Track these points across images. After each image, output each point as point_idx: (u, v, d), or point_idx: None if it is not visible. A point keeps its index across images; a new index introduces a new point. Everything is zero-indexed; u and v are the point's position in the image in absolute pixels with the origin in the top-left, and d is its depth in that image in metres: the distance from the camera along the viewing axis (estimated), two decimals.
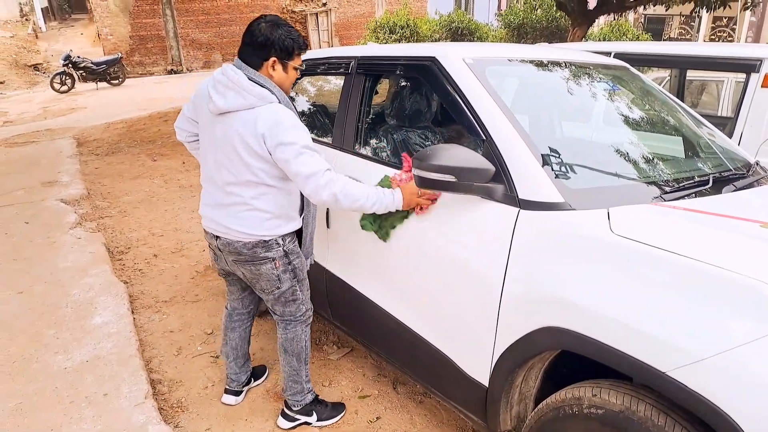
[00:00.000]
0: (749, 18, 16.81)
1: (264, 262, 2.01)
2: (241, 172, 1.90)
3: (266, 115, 1.82)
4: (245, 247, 1.99)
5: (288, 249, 2.05)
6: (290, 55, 1.93)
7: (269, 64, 1.91)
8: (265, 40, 1.87)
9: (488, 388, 1.73)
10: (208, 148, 2.01)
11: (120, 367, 2.57)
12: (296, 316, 2.18)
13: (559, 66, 2.30)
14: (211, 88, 1.90)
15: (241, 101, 1.84)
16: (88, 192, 5.69)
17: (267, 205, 1.95)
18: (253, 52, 1.90)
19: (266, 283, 2.06)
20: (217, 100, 1.87)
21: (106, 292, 3.34)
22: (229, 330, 2.37)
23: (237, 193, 1.94)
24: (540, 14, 13.03)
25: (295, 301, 2.14)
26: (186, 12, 18.31)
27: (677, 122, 2.32)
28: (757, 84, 3.11)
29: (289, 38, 1.90)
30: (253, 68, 1.90)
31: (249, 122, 1.83)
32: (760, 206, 1.67)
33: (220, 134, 1.91)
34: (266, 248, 2.00)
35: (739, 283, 1.18)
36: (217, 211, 2.01)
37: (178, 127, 2.22)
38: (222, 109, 1.86)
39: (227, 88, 1.86)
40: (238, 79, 1.84)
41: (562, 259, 1.50)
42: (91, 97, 13.48)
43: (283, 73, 1.95)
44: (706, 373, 1.18)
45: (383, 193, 1.91)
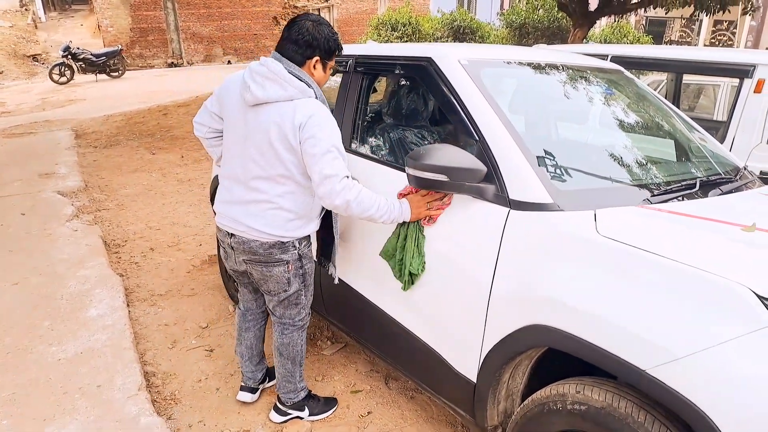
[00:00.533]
0: (749, 22, 16.84)
1: (277, 264, 2.01)
2: (272, 165, 1.88)
3: (305, 107, 1.83)
4: (261, 248, 1.97)
5: (302, 253, 2.05)
6: (331, 56, 1.97)
7: (312, 62, 1.92)
8: (312, 39, 1.89)
9: (476, 384, 1.76)
10: (234, 142, 1.98)
11: (114, 359, 2.60)
12: (295, 321, 2.18)
13: (553, 69, 2.33)
14: (249, 78, 1.88)
15: (282, 92, 1.84)
16: (86, 184, 5.71)
17: (292, 205, 1.94)
18: (297, 49, 1.90)
19: (275, 285, 2.06)
20: (255, 90, 1.85)
21: (102, 285, 3.36)
22: (243, 330, 2.36)
23: (262, 189, 1.92)
24: (542, 14, 13.03)
25: (297, 305, 2.15)
26: (187, 5, 18.28)
27: (669, 126, 2.35)
28: (749, 89, 3.15)
29: (333, 39, 1.94)
30: (296, 64, 1.91)
31: (287, 113, 1.82)
32: (744, 210, 1.70)
33: (253, 125, 1.89)
34: (282, 250, 1.99)
35: (718, 285, 1.22)
36: (237, 208, 1.97)
37: (197, 122, 2.18)
38: (260, 99, 1.85)
39: (267, 78, 1.85)
40: (279, 70, 1.84)
41: (550, 259, 1.53)
42: (90, 89, 13.47)
43: (322, 73, 1.97)
44: (684, 371, 1.21)
45: (392, 205, 1.89)
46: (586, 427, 1.44)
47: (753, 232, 1.44)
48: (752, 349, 1.15)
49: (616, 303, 1.35)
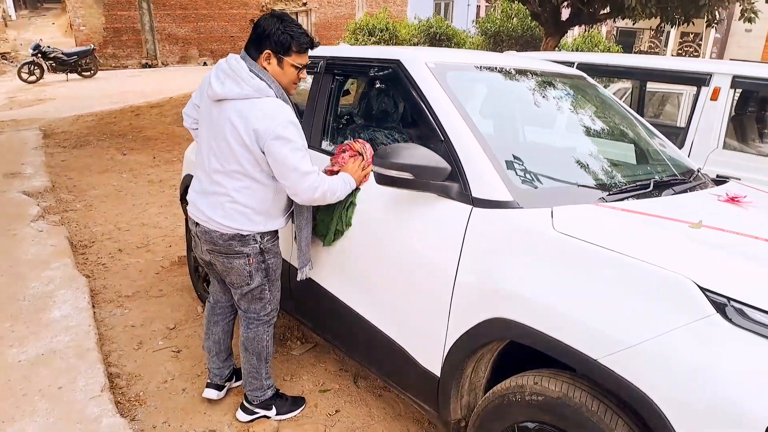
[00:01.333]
0: (714, 35, 17.44)
1: (238, 257, 2.02)
2: (228, 160, 1.93)
3: (261, 108, 1.86)
4: (221, 239, 2.00)
5: (265, 247, 2.06)
6: (286, 51, 1.93)
7: (264, 56, 1.93)
8: (262, 32, 1.92)
9: (440, 378, 1.79)
10: (203, 135, 2.04)
11: (77, 361, 2.55)
12: (260, 315, 2.18)
13: (519, 73, 2.39)
14: (213, 75, 1.95)
15: (237, 90, 1.87)
16: (53, 185, 5.58)
17: (248, 200, 1.97)
18: (251, 43, 1.95)
19: (236, 277, 2.07)
20: (215, 86, 1.91)
21: (67, 286, 3.30)
22: (211, 324, 2.35)
23: (222, 183, 1.96)
24: (516, 23, 13.28)
25: (261, 300, 2.15)
26: (163, 5, 18.04)
27: (628, 130, 2.44)
28: (706, 97, 3.28)
29: (286, 33, 1.91)
30: (253, 60, 1.94)
31: (242, 112, 1.86)
32: (693, 209, 1.78)
33: (215, 121, 1.95)
34: (242, 243, 2.01)
35: (664, 277, 1.27)
36: (201, 198, 2.03)
37: (185, 113, 2.25)
38: (219, 95, 1.90)
39: (227, 75, 1.90)
40: (238, 67, 1.89)
41: (510, 254, 1.57)
42: (60, 89, 13.17)
43: (277, 68, 1.95)
44: (632, 360, 1.26)
45: (344, 182, 2.02)
46: (543, 418, 1.49)
47: (699, 228, 1.51)
48: (695, 338, 1.21)
49: (571, 295, 1.40)
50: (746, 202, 1.84)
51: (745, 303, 1.18)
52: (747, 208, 1.81)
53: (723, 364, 1.16)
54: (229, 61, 1.93)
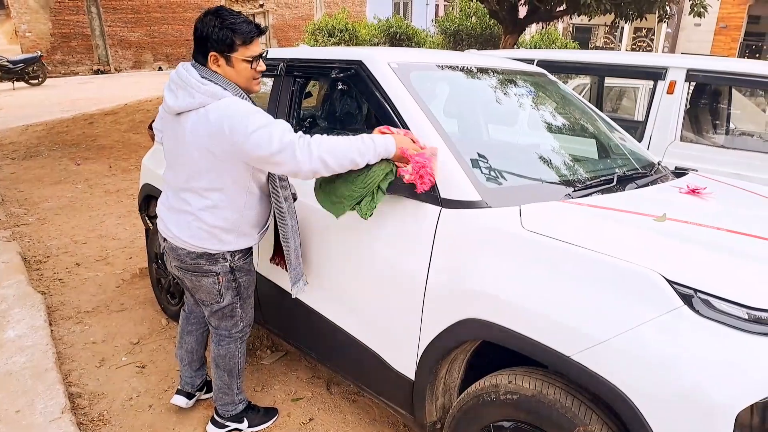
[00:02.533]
0: (665, 29, 18.06)
1: (206, 275, 1.94)
2: (193, 177, 1.81)
3: (219, 112, 1.70)
4: (189, 256, 1.91)
5: (236, 266, 1.97)
6: (230, 48, 1.76)
7: (211, 59, 1.78)
8: (201, 35, 1.76)
9: (414, 381, 1.78)
10: (167, 150, 1.93)
11: (34, 382, 2.43)
12: (231, 333, 2.10)
13: (482, 72, 2.40)
14: (166, 87, 1.82)
15: (190, 100, 1.74)
16: (2, 198, 5.32)
17: (215, 220, 1.85)
18: (196, 48, 1.81)
19: (206, 295, 1.99)
20: (169, 100, 1.79)
21: (21, 304, 3.13)
22: (185, 333, 2.28)
23: (188, 200, 1.86)
24: (474, 22, 13.40)
25: (232, 318, 2.07)
26: (113, 9, 17.48)
27: (590, 126, 2.48)
28: (663, 90, 3.37)
29: (225, 29, 1.73)
30: (202, 65, 1.80)
31: (200, 122, 1.73)
32: (656, 202, 1.81)
33: (176, 136, 1.82)
34: (211, 261, 1.92)
35: (632, 272, 1.29)
36: (169, 215, 1.93)
37: (155, 128, 2.11)
38: (174, 108, 1.78)
39: (178, 87, 1.77)
40: (187, 76, 1.75)
41: (480, 254, 1.57)
42: (7, 98, 12.59)
43: (228, 68, 1.79)
44: (603, 355, 1.27)
45: (372, 139, 1.67)
46: (518, 416, 1.49)
47: (664, 221, 1.54)
48: (663, 330, 1.22)
49: (542, 293, 1.41)
50: (706, 194, 1.89)
51: (712, 294, 1.20)
52: (707, 199, 1.86)
53: (692, 354, 1.18)
54: (179, 71, 1.79)
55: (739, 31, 15.49)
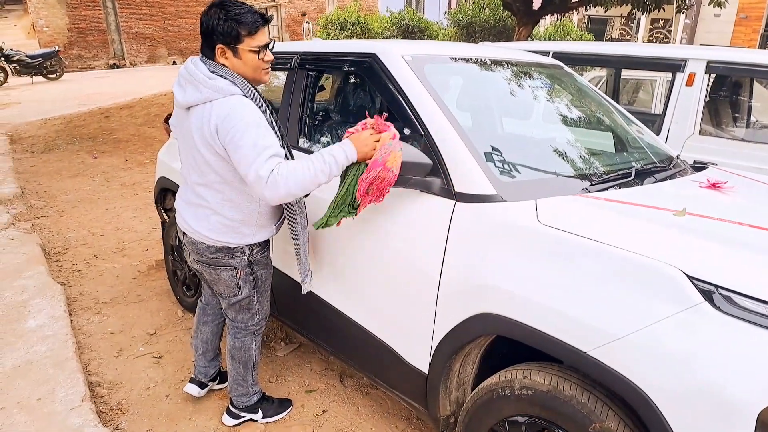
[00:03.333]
0: (683, 20, 17.73)
1: (225, 269, 1.95)
2: (205, 172, 1.82)
3: (220, 109, 1.71)
4: (208, 250, 1.93)
5: (254, 259, 1.98)
6: (236, 39, 1.74)
7: (218, 53, 1.77)
8: (207, 28, 1.75)
9: (428, 375, 1.78)
10: (180, 146, 1.94)
11: (55, 371, 2.47)
12: (247, 325, 2.12)
13: (496, 64, 2.37)
14: (175, 83, 1.84)
15: (198, 95, 1.74)
16: (23, 191, 5.41)
17: (234, 213, 1.86)
18: (204, 42, 1.80)
19: (224, 288, 2.01)
20: (177, 94, 1.81)
21: (41, 294, 3.19)
22: (200, 323, 2.31)
23: (204, 195, 1.86)
24: (488, 13, 13.27)
25: (249, 310, 2.09)
26: (128, 4, 17.62)
27: (607, 118, 2.44)
28: (682, 83, 3.31)
29: (230, 20, 1.71)
30: (211, 59, 1.79)
31: (205, 117, 1.73)
32: (675, 196, 1.79)
33: (186, 131, 1.83)
34: (230, 255, 1.93)
35: (651, 267, 1.27)
36: (187, 209, 1.94)
37: (171, 125, 2.09)
38: (182, 103, 1.80)
39: (186, 81, 1.78)
40: (195, 71, 1.75)
41: (495, 248, 1.56)
42: (25, 92, 12.77)
43: (235, 60, 1.78)
44: (621, 351, 1.26)
45: (332, 157, 1.68)
46: (533, 411, 1.48)
47: (683, 216, 1.51)
48: (683, 327, 1.20)
49: (557, 288, 1.39)
50: (727, 188, 1.85)
51: (733, 290, 1.18)
52: (728, 193, 1.83)
53: (712, 351, 1.16)
54: (187, 65, 1.79)
55: (760, 22, 15.15)
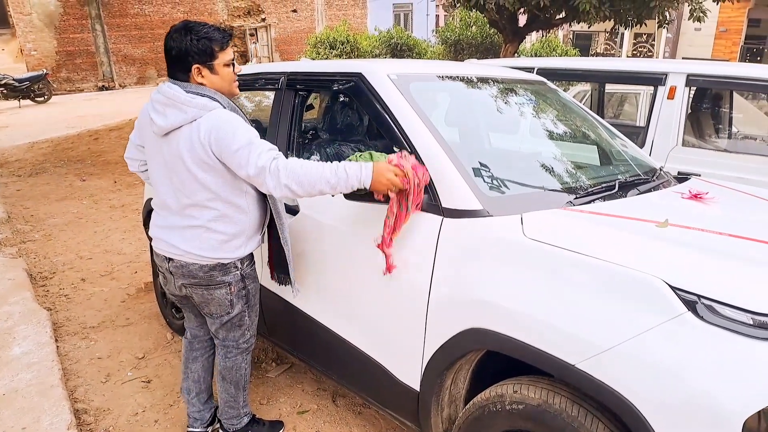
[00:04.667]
0: (665, 35, 18.09)
1: (219, 287, 1.93)
2: (195, 192, 1.81)
3: (206, 123, 1.74)
4: (201, 270, 1.90)
5: (245, 273, 1.98)
6: (211, 56, 1.80)
7: (193, 73, 1.81)
8: (179, 52, 1.78)
9: (420, 392, 1.77)
10: (159, 174, 1.90)
11: (40, 399, 2.43)
12: (239, 344, 2.10)
13: (482, 82, 2.41)
14: (151, 110, 1.82)
15: (182, 116, 1.75)
16: (8, 215, 5.36)
17: (226, 227, 1.87)
18: (174, 67, 1.82)
19: (216, 307, 1.98)
20: (158, 120, 1.78)
21: (27, 321, 3.15)
22: (189, 361, 2.22)
23: (195, 215, 1.85)
24: (475, 31, 13.47)
25: (240, 327, 2.07)
26: (117, 27, 17.69)
27: (591, 132, 2.48)
28: (663, 96, 3.37)
29: (202, 39, 1.77)
30: (184, 82, 1.82)
31: (193, 135, 1.74)
32: (659, 207, 1.81)
33: (169, 155, 1.81)
34: (224, 272, 1.92)
35: (635, 278, 1.28)
36: (172, 234, 1.90)
37: (128, 158, 2.10)
38: (164, 128, 1.78)
39: (166, 106, 1.77)
40: (174, 93, 1.76)
41: (482, 263, 1.56)
42: (13, 116, 12.72)
43: (213, 76, 1.83)
44: (608, 363, 1.27)
45: (345, 171, 1.67)
46: (525, 426, 1.48)
47: (666, 227, 1.53)
48: (668, 337, 1.21)
49: (545, 302, 1.40)
50: (709, 199, 1.88)
51: (716, 299, 1.20)
52: (710, 204, 1.85)
53: (697, 361, 1.17)
54: (162, 90, 1.79)
55: (739, 35, 15.50)
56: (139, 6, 17.93)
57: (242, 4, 19.72)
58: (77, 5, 17.00)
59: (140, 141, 2.02)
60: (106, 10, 17.45)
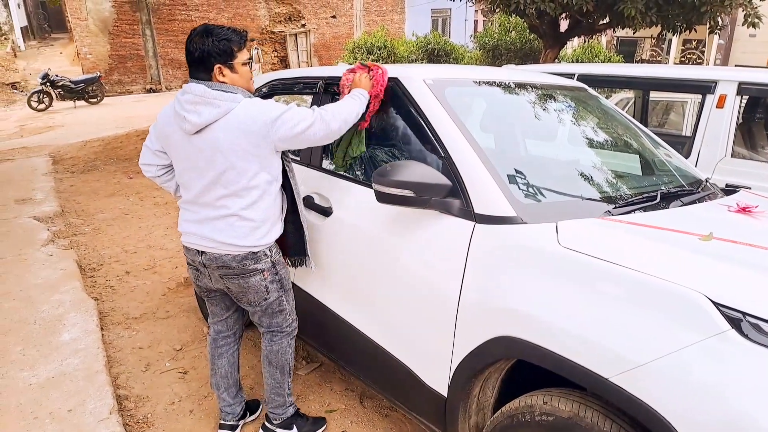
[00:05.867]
0: (717, 41, 17.42)
1: (253, 274, 2.00)
2: (232, 182, 1.90)
3: (245, 111, 1.87)
4: (234, 260, 1.97)
5: (275, 260, 2.06)
6: (231, 56, 1.92)
7: (215, 73, 1.91)
8: (201, 54, 1.88)
9: (447, 398, 1.76)
10: (188, 171, 1.97)
11: (86, 383, 2.55)
12: (282, 327, 2.17)
13: (519, 87, 2.39)
14: (180, 110, 1.89)
15: (216, 111, 1.85)
16: (62, 209, 5.63)
17: (257, 214, 1.96)
18: (197, 68, 1.92)
19: (254, 295, 2.05)
20: (192, 118, 1.85)
21: (76, 309, 3.30)
22: (216, 357, 2.28)
23: (228, 205, 1.94)
24: (514, 36, 13.30)
25: (282, 312, 2.14)
26: (165, 32, 18.33)
27: (633, 141, 2.42)
28: (712, 105, 3.25)
29: (222, 41, 1.89)
30: (208, 80, 1.92)
31: (231, 125, 1.85)
32: (703, 220, 1.75)
33: (204, 150, 1.89)
34: (255, 260, 1.99)
35: (675, 293, 1.24)
36: (204, 226, 1.98)
37: (143, 164, 2.17)
38: (199, 125, 1.85)
39: (197, 104, 1.85)
40: (204, 90, 1.86)
41: (514, 271, 1.55)
42: (68, 116, 13.36)
43: (233, 75, 1.94)
44: (644, 378, 1.23)
45: (359, 99, 2.11)
46: None
47: (710, 241, 1.48)
48: (709, 355, 1.17)
49: (579, 313, 1.38)
50: (758, 212, 1.80)
51: (762, 318, 1.15)
52: (759, 218, 1.78)
53: (739, 381, 1.12)
54: (191, 89, 1.88)
55: None
56: (186, 12, 18.53)
57: (283, 10, 20.09)
58: (129, 11, 17.72)
59: (158, 146, 2.09)
60: (156, 16, 18.11)
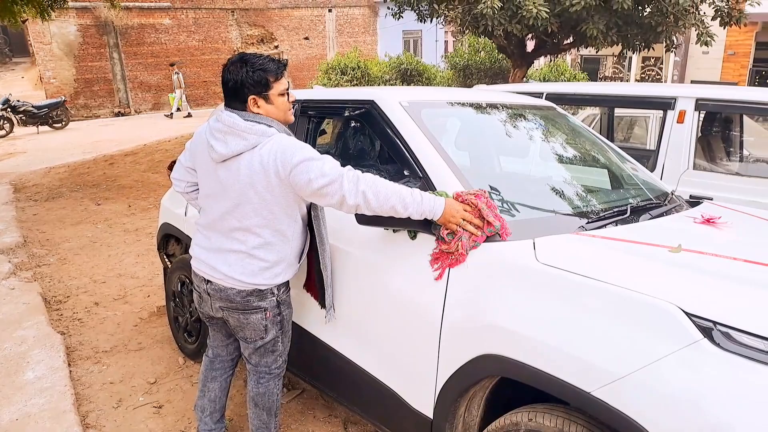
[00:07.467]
0: (673, 58, 18.18)
1: (255, 312, 1.95)
2: (248, 216, 1.85)
3: (270, 148, 1.78)
4: (238, 295, 1.92)
5: (281, 299, 2.01)
6: (266, 87, 1.86)
7: (250, 103, 1.86)
8: (235, 84, 1.84)
9: (433, 420, 1.75)
10: (210, 195, 1.95)
11: (53, 424, 2.43)
12: (271, 369, 2.10)
13: (491, 107, 2.44)
14: (209, 136, 1.86)
15: (244, 143, 1.80)
16: (25, 240, 5.44)
17: (269, 255, 1.90)
18: (231, 98, 1.87)
19: (251, 332, 2.00)
20: (219, 148, 1.82)
21: (41, 345, 3.17)
22: (209, 380, 2.23)
23: (241, 239, 1.89)
24: (483, 56, 13.66)
25: (273, 353, 2.08)
26: (134, 55, 18.14)
27: (601, 156, 2.49)
28: (673, 120, 3.38)
29: (257, 71, 1.83)
30: (242, 111, 1.87)
31: (254, 160, 1.79)
32: (671, 232, 1.81)
33: (226, 180, 1.85)
34: (260, 298, 1.94)
35: (649, 305, 1.28)
36: (215, 256, 1.94)
37: (175, 178, 2.14)
38: (225, 155, 1.82)
39: (226, 134, 1.82)
40: (234, 122, 1.81)
41: (494, 288, 1.57)
42: (31, 142, 13.00)
43: (268, 106, 1.88)
44: (624, 390, 1.25)
45: (421, 195, 1.69)
46: None
47: (679, 252, 1.53)
48: (684, 365, 1.20)
49: (559, 328, 1.40)
50: (722, 223, 1.87)
51: (732, 326, 1.19)
52: (722, 228, 1.84)
53: (714, 389, 1.15)
54: (222, 118, 1.84)
55: (747, 58, 15.53)
56: (156, 35, 18.39)
57: (255, 32, 20.16)
58: (96, 35, 17.48)
59: (191, 163, 2.06)
60: (124, 39, 17.92)
